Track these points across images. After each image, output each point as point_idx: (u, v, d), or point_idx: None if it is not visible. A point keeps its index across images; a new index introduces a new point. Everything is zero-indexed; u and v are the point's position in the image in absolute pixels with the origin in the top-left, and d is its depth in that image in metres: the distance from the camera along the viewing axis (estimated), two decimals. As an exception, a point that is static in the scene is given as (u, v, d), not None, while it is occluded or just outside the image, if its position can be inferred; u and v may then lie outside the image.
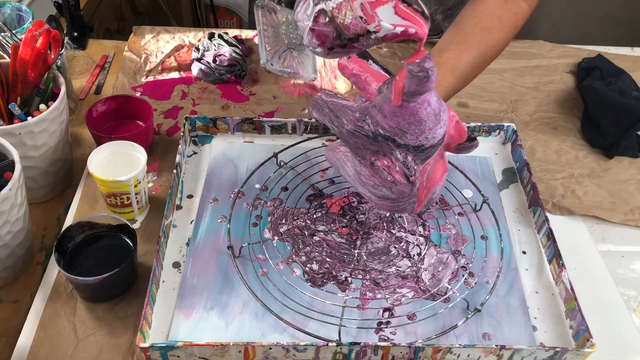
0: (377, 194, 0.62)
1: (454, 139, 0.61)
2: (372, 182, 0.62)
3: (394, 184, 0.59)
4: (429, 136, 0.57)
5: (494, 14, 0.79)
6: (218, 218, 0.77)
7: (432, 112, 0.56)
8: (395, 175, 0.58)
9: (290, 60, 0.71)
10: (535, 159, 0.89)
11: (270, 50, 0.68)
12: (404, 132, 0.56)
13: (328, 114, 0.63)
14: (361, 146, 0.61)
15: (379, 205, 0.64)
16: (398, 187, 0.59)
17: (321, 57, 0.57)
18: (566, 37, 1.27)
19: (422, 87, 0.52)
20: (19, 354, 0.64)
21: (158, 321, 0.67)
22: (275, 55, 0.68)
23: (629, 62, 1.06)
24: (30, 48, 0.71)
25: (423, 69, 0.51)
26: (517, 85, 1.03)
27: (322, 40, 0.53)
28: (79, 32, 1.06)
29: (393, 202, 0.62)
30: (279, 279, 0.70)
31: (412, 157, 0.58)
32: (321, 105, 0.64)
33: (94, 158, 0.75)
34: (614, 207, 0.83)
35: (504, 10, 0.79)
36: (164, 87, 0.99)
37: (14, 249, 0.68)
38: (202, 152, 0.86)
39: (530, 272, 0.74)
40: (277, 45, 0.68)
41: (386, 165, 0.59)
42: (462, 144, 0.62)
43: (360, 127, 0.60)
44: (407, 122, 0.55)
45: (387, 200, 0.63)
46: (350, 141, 0.61)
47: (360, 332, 0.66)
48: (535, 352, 0.63)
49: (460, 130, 0.61)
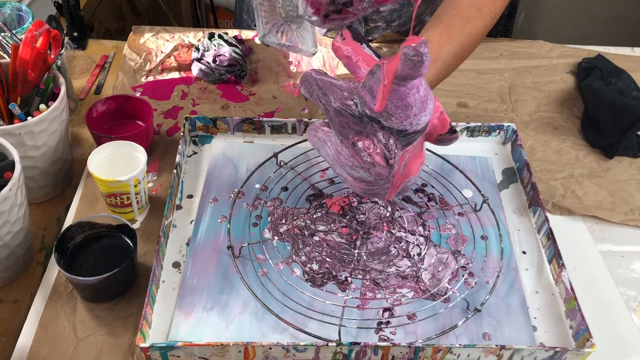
0: (354, 175, 0.63)
1: (437, 129, 0.62)
2: (350, 162, 0.62)
3: (373, 165, 0.60)
4: (413, 122, 0.57)
5: (473, 3, 0.80)
6: (218, 218, 0.77)
7: (420, 98, 0.56)
8: (375, 157, 0.59)
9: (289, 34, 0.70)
10: (535, 159, 0.89)
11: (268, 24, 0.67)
12: (389, 115, 0.56)
13: (316, 91, 0.64)
14: (345, 125, 0.61)
15: (354, 187, 0.65)
16: (376, 169, 0.60)
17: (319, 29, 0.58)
18: (566, 37, 1.27)
19: (414, 71, 0.52)
20: (19, 354, 0.64)
21: (158, 321, 0.67)
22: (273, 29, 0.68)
23: (629, 62, 1.06)
24: (30, 48, 0.71)
25: (418, 53, 0.51)
26: (517, 85, 1.03)
27: (317, 7, 0.53)
28: (79, 32, 1.06)
29: (368, 185, 0.63)
30: (279, 279, 0.70)
31: (393, 141, 0.58)
32: (310, 82, 0.65)
33: (94, 158, 0.75)
34: (614, 207, 0.83)
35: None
36: (164, 87, 0.99)
37: (14, 249, 0.68)
38: (202, 152, 0.86)
39: (530, 272, 0.74)
40: (274, 19, 0.68)
41: (367, 146, 0.59)
42: (443, 135, 0.62)
43: (348, 106, 0.60)
44: (395, 105, 0.56)
45: (362, 183, 0.63)
46: (335, 119, 0.62)
47: (360, 332, 0.66)
48: (535, 352, 0.63)
49: (443, 121, 0.62)
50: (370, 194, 0.65)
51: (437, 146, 0.66)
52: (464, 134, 0.89)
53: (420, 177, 0.83)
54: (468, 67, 1.04)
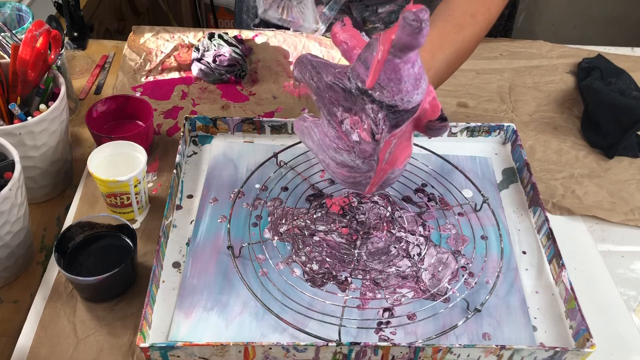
0: (337, 160, 0.62)
1: (427, 113, 0.61)
2: (335, 144, 0.61)
3: (358, 143, 0.59)
4: (405, 98, 0.56)
5: (467, 10, 0.78)
6: (218, 218, 0.77)
7: (414, 74, 0.55)
8: (362, 133, 0.58)
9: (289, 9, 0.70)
10: (535, 159, 0.89)
11: None
12: (381, 88, 0.56)
13: (309, 70, 0.62)
14: (335, 101, 0.60)
15: (335, 175, 0.64)
16: (361, 146, 0.59)
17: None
18: (566, 37, 1.27)
19: (412, 39, 0.52)
20: (19, 354, 0.64)
21: (158, 321, 0.67)
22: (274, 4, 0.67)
23: (629, 62, 1.06)
24: (30, 48, 0.71)
25: (418, 18, 0.51)
26: (517, 85, 1.03)
27: None
28: (79, 32, 1.06)
29: (350, 171, 0.62)
30: (279, 279, 0.70)
31: (382, 116, 0.57)
32: (304, 63, 0.63)
33: (94, 158, 0.75)
34: (614, 207, 0.83)
35: (477, 5, 0.79)
36: (164, 87, 0.99)
37: (14, 249, 0.68)
38: (202, 152, 0.86)
39: (530, 272, 0.74)
40: None
41: (355, 123, 0.59)
42: (433, 122, 0.61)
43: (340, 80, 0.59)
44: (388, 77, 0.55)
45: (344, 168, 0.62)
46: (325, 95, 0.61)
47: (360, 332, 0.66)
48: (535, 352, 0.63)
49: (435, 106, 0.61)
50: (351, 183, 0.64)
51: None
52: (464, 134, 0.89)
53: (420, 177, 0.83)
54: (468, 67, 1.04)
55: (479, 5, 0.79)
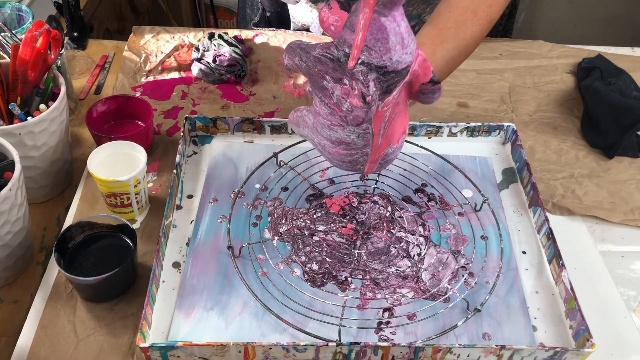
0: (332, 138, 0.61)
1: (419, 77, 0.60)
2: (328, 121, 0.61)
3: (350, 111, 0.58)
4: (394, 58, 0.55)
5: (468, 7, 0.78)
6: (218, 218, 0.77)
7: (400, 33, 0.55)
8: (353, 100, 0.57)
9: None
10: (535, 159, 0.89)
11: None
12: (369, 49, 0.55)
13: (298, 53, 0.62)
14: (325, 74, 0.59)
15: (332, 157, 0.64)
16: (354, 113, 0.58)
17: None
18: (566, 37, 1.27)
19: None
20: (19, 354, 0.64)
21: (158, 321, 0.67)
22: None
23: (629, 62, 1.06)
24: (30, 48, 0.71)
25: None
26: (517, 85, 1.03)
27: None
28: (79, 32, 1.06)
29: (346, 148, 0.62)
30: (279, 279, 0.70)
31: (372, 77, 0.56)
32: (293, 48, 0.63)
33: (94, 158, 0.75)
34: (614, 207, 0.83)
35: (478, 3, 0.78)
36: (164, 87, 0.99)
37: (14, 249, 0.68)
38: (202, 152, 0.86)
39: (530, 272, 0.74)
40: None
41: (345, 92, 0.58)
42: (425, 85, 0.61)
43: (327, 50, 0.58)
44: (374, 37, 0.54)
45: (340, 146, 0.62)
46: (315, 70, 0.60)
47: (360, 332, 0.66)
48: (535, 352, 0.63)
49: (426, 68, 0.60)
50: (349, 162, 0.63)
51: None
52: (464, 134, 0.89)
53: (420, 177, 0.83)
54: (468, 67, 1.04)
55: (480, 2, 0.78)
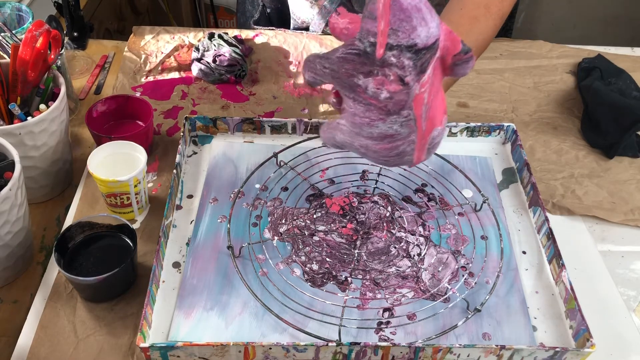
0: (374, 135, 0.59)
1: (449, 49, 0.59)
2: (367, 118, 0.59)
3: (390, 98, 0.57)
4: (422, 34, 0.54)
5: (480, 2, 0.78)
6: (218, 218, 0.77)
7: (422, 9, 0.54)
8: (390, 86, 0.56)
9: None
10: (535, 159, 0.89)
11: None
12: (395, 31, 0.54)
13: (319, 63, 0.61)
14: (354, 72, 0.58)
15: (377, 155, 0.61)
16: (394, 99, 0.57)
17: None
18: (566, 37, 1.27)
19: None
20: (19, 354, 0.64)
21: (158, 321, 0.67)
22: None
23: (629, 62, 1.06)
24: (30, 48, 0.71)
25: None
26: (517, 85, 1.03)
27: None
28: (79, 32, 1.06)
29: (391, 141, 0.59)
30: (279, 279, 0.70)
31: (406, 59, 0.55)
32: (312, 61, 0.62)
33: (94, 158, 0.75)
34: (614, 207, 0.83)
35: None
36: (164, 87, 0.99)
37: (14, 249, 0.68)
38: (202, 152, 0.86)
39: (530, 272, 0.74)
40: None
41: (380, 82, 0.57)
42: (458, 56, 0.59)
43: (351, 47, 0.57)
44: (398, 18, 0.54)
45: (384, 141, 0.60)
46: (341, 70, 0.59)
47: (360, 332, 0.66)
48: (535, 352, 0.63)
49: (454, 40, 0.59)
50: (397, 156, 0.61)
51: None
52: (464, 134, 0.89)
53: (420, 177, 0.83)
54: (468, 67, 1.04)
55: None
